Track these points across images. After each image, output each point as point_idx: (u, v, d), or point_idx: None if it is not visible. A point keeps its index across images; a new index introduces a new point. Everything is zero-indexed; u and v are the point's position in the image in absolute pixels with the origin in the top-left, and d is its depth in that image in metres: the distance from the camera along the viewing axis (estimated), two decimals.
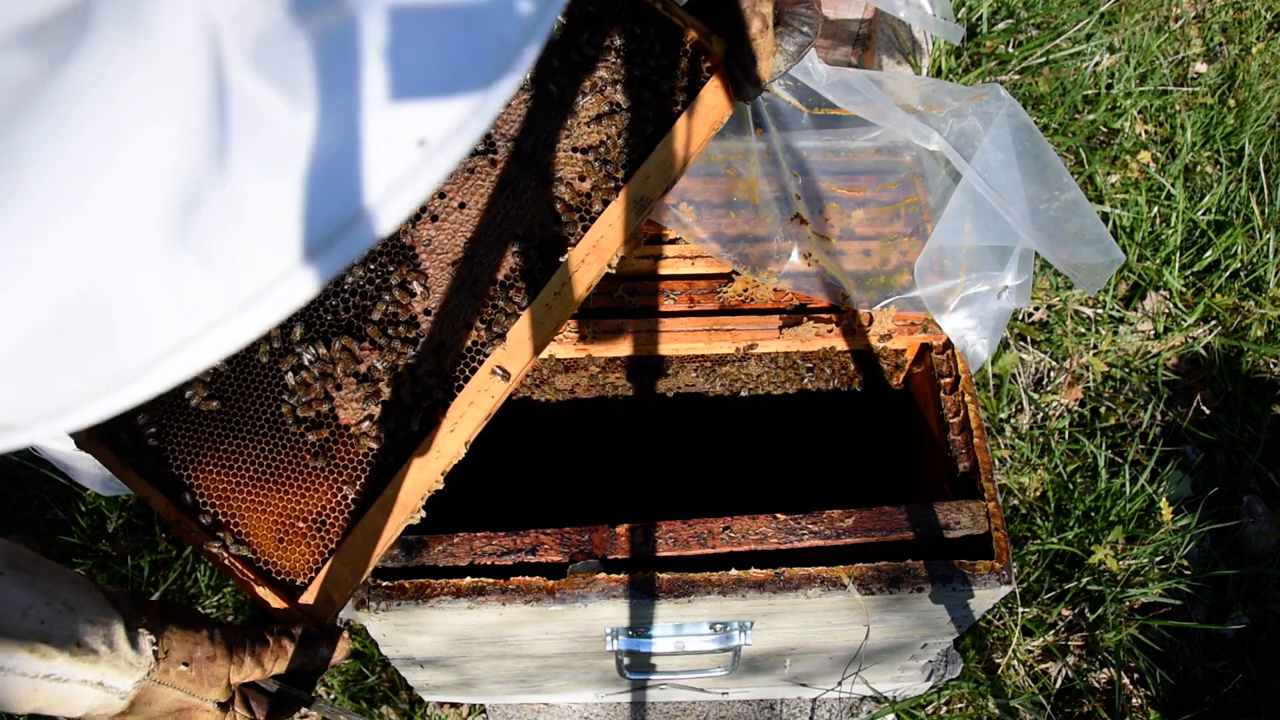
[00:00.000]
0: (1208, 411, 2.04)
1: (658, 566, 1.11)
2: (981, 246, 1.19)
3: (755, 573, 1.09)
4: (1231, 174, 2.30)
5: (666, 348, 1.25)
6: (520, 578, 1.09)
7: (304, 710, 0.93)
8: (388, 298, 0.91)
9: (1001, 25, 2.47)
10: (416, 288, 0.91)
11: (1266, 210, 2.25)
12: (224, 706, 0.83)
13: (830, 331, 1.25)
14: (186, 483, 0.89)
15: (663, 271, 1.29)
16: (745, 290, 1.27)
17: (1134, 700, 1.76)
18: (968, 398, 1.22)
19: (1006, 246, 1.19)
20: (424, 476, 0.88)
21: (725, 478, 1.71)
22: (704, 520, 1.12)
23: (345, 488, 0.88)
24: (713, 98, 0.92)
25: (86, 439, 0.91)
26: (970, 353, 1.25)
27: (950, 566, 1.10)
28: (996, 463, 1.94)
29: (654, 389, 1.39)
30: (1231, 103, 2.44)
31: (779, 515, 1.12)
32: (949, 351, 1.26)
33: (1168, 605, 1.83)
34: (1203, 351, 2.11)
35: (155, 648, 0.77)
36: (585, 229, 0.92)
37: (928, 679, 1.65)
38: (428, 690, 1.54)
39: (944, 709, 1.73)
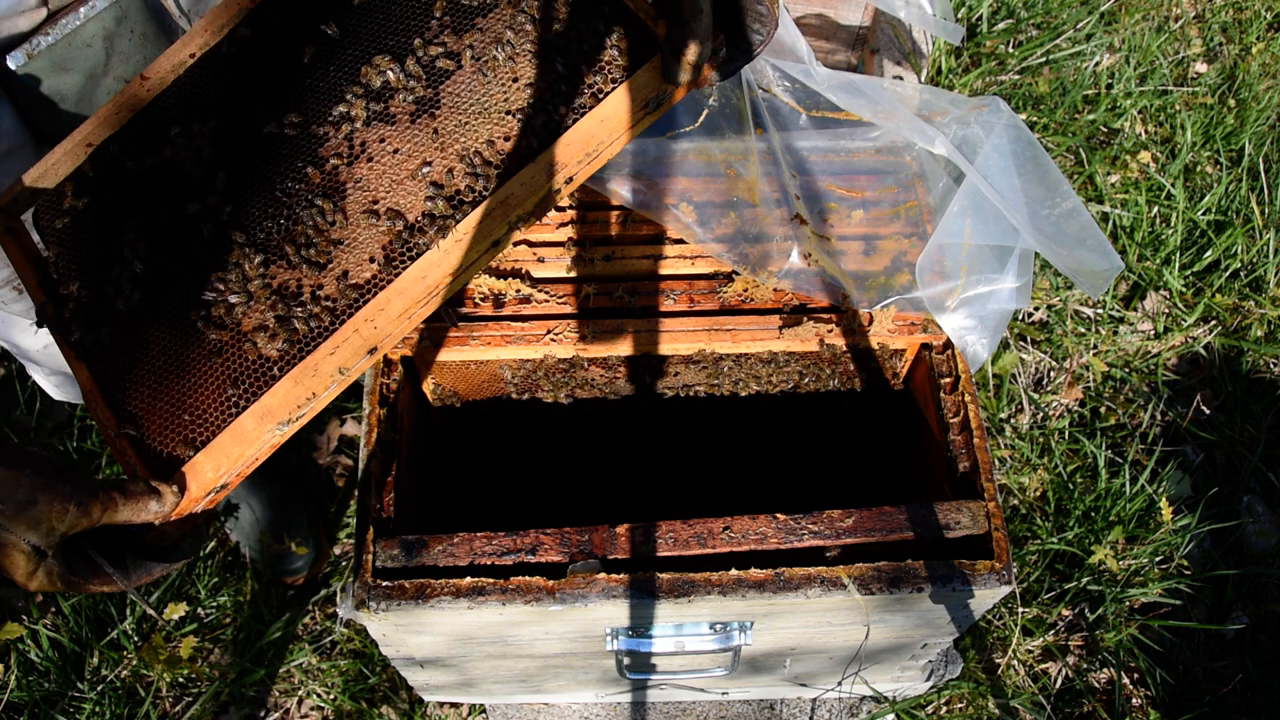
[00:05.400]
0: (1208, 411, 2.04)
1: (658, 566, 1.11)
2: (982, 247, 1.19)
3: (755, 573, 1.09)
4: (1231, 174, 2.30)
5: (666, 348, 1.25)
6: (520, 578, 1.09)
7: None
8: (309, 222, 0.97)
9: (1001, 25, 2.47)
10: (336, 218, 0.97)
11: (1266, 210, 2.25)
12: (41, 554, 0.82)
13: (830, 331, 1.25)
14: (110, 362, 0.96)
15: (663, 271, 1.29)
16: (745, 290, 1.27)
17: (1134, 700, 1.76)
18: (968, 398, 1.22)
19: (1007, 247, 1.19)
20: (298, 391, 0.92)
21: (725, 478, 1.71)
22: (704, 520, 1.12)
23: (230, 388, 0.93)
24: (645, 77, 0.97)
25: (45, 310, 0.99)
26: (970, 353, 1.25)
27: (950, 566, 1.10)
28: (996, 463, 1.94)
29: (654, 389, 1.39)
30: (1231, 103, 2.44)
31: (779, 515, 1.12)
32: (949, 351, 1.26)
33: (1168, 605, 1.83)
34: (1203, 351, 2.12)
35: None
36: (498, 184, 0.96)
37: (928, 679, 1.65)
38: (428, 690, 1.54)
39: (944, 709, 1.73)
